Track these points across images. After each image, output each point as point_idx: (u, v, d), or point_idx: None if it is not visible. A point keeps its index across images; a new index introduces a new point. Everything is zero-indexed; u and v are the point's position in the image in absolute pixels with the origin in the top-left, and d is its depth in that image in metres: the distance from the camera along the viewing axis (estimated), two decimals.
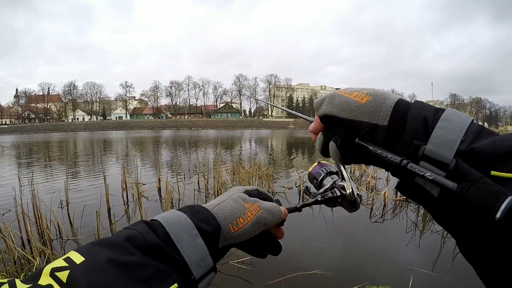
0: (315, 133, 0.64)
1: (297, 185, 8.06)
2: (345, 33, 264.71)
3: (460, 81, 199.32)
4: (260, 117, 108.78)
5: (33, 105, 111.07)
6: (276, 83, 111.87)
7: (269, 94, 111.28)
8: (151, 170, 11.53)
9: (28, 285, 0.35)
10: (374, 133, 0.52)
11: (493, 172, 0.39)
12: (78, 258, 0.39)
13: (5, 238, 4.16)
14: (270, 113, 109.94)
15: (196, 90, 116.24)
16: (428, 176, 0.43)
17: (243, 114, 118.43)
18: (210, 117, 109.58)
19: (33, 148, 25.04)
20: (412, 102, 0.52)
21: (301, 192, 7.37)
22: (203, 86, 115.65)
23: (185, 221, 0.50)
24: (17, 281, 0.35)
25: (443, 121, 0.46)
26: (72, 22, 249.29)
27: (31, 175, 6.64)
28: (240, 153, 18.96)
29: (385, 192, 6.51)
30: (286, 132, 59.05)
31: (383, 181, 8.61)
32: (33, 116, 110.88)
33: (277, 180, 8.95)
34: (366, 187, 7.77)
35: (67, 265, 0.38)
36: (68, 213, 6.17)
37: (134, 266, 0.40)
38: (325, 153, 0.62)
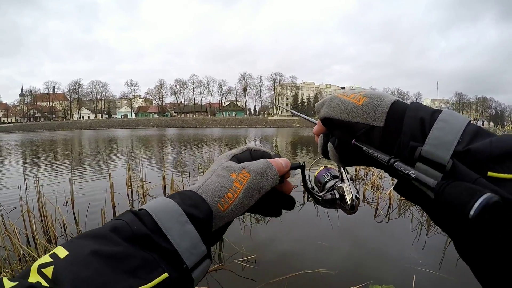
0: (317, 135, 0.66)
1: (301, 184, 8.04)
2: (350, 32, 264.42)
3: (466, 80, 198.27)
4: (265, 115, 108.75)
5: (38, 103, 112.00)
6: (281, 82, 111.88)
7: (274, 93, 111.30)
8: (156, 168, 11.54)
9: (15, 283, 0.33)
10: (370, 135, 0.53)
11: (490, 173, 0.39)
12: (62, 252, 0.38)
13: (10, 235, 4.17)
14: (275, 112, 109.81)
15: (201, 89, 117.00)
16: (412, 175, 0.43)
17: (248, 112, 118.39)
18: (215, 116, 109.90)
19: (38, 147, 25.14)
20: (410, 103, 0.52)
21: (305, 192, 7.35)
22: (208, 84, 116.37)
23: (173, 207, 0.47)
24: (5, 280, 0.34)
25: (440, 122, 0.46)
26: (77, 20, 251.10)
27: (37, 173, 6.64)
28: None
29: (390, 191, 6.47)
30: (291, 130, 59.00)
31: (389, 180, 8.55)
32: (38, 114, 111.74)
33: None
34: (372, 186, 7.74)
35: (52, 260, 0.37)
36: (73, 211, 6.20)
37: (120, 257, 0.38)
38: (325, 154, 0.64)
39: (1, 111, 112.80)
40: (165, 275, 0.40)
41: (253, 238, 4.86)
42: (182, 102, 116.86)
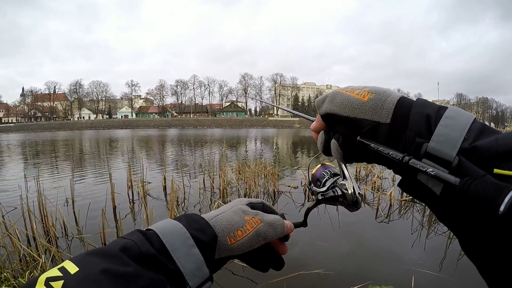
0: (316, 131, 0.64)
1: (302, 185, 8.04)
2: (350, 32, 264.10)
3: (466, 80, 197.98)
4: (266, 116, 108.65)
5: (39, 103, 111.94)
6: (281, 82, 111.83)
7: (275, 93, 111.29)
8: (157, 169, 11.58)
9: None
10: (376, 131, 0.52)
11: (496, 170, 0.39)
12: (72, 268, 0.38)
13: (11, 235, 4.17)
14: (275, 112, 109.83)
15: (201, 89, 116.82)
16: (431, 172, 0.42)
17: (248, 113, 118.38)
18: (215, 116, 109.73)
19: (39, 147, 25.19)
20: (415, 100, 0.51)
21: (307, 191, 7.35)
22: (208, 85, 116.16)
23: (181, 230, 0.49)
24: None
25: (446, 119, 0.46)
26: (78, 20, 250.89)
27: (37, 173, 6.65)
28: (246, 152, 18.96)
29: (391, 192, 6.48)
30: (292, 131, 59.07)
31: (389, 181, 8.57)
32: (39, 114, 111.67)
33: (282, 179, 8.92)
34: (372, 187, 7.74)
35: (61, 275, 0.37)
36: (74, 211, 6.21)
37: (129, 277, 0.39)
38: (326, 151, 0.62)
39: (2, 111, 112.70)
40: None
41: None
42: (183, 102, 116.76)
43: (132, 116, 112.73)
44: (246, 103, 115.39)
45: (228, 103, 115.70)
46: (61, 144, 28.55)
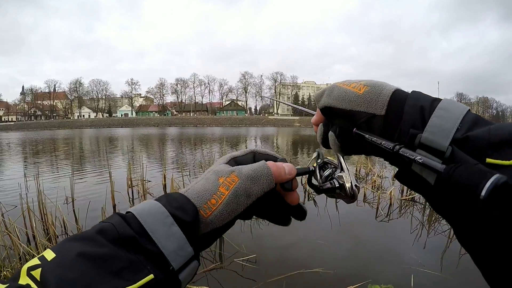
0: (316, 124, 0.66)
1: (302, 183, 8.04)
2: (352, 32, 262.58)
3: (467, 80, 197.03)
4: (266, 114, 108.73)
5: (39, 102, 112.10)
6: (282, 81, 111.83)
7: (275, 92, 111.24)
8: (157, 167, 11.58)
9: (5, 285, 0.34)
10: (371, 123, 0.53)
11: (488, 160, 0.40)
12: (50, 255, 0.38)
13: (10, 234, 4.17)
14: (275, 111, 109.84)
15: (201, 88, 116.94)
16: (419, 160, 0.44)
17: (248, 111, 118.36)
18: (215, 115, 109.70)
19: (39, 145, 25.18)
20: (410, 92, 0.53)
21: (307, 190, 7.35)
22: (208, 83, 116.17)
23: (159, 210, 0.46)
24: None
25: (440, 110, 0.47)
26: (79, 19, 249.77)
27: (37, 172, 6.66)
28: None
29: (391, 191, 6.47)
30: (292, 130, 59.02)
31: (389, 180, 8.56)
32: (39, 113, 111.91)
33: None
34: (372, 186, 7.73)
35: (40, 263, 0.37)
36: (74, 209, 6.21)
37: (105, 259, 0.38)
38: (325, 143, 0.63)
39: (2, 109, 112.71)
40: (151, 276, 0.40)
41: (253, 238, 4.86)
42: (183, 101, 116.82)
43: (132, 114, 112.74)
44: (246, 101, 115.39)
45: (228, 102, 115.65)
46: (61, 142, 28.53)
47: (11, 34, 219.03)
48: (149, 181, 8.24)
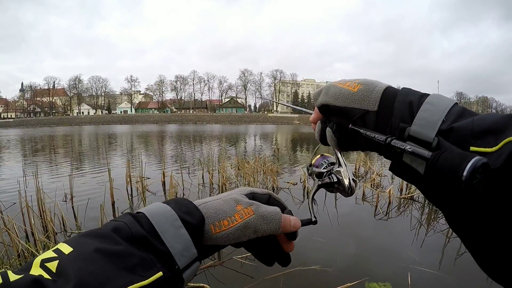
0: (314, 122, 0.70)
1: (301, 181, 8.04)
2: (353, 30, 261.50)
3: (467, 79, 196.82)
4: (265, 112, 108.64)
5: (38, 99, 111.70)
6: (281, 79, 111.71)
7: (275, 90, 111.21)
8: (156, 164, 11.57)
9: (20, 276, 0.35)
10: (365, 118, 0.57)
11: (472, 148, 0.43)
12: (67, 249, 0.40)
13: (9, 231, 4.17)
14: (275, 109, 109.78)
15: (201, 85, 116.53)
16: (408, 149, 0.47)
17: (248, 109, 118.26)
18: (215, 112, 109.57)
19: (38, 142, 25.19)
20: (400, 88, 0.57)
21: (306, 188, 7.36)
22: (208, 80, 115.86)
23: (169, 212, 0.50)
24: (9, 272, 0.36)
25: (427, 105, 0.51)
26: (79, 16, 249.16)
27: (36, 169, 6.65)
28: (245, 148, 18.97)
29: (390, 190, 6.46)
30: (291, 127, 59.01)
31: (388, 179, 8.56)
32: (38, 110, 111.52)
33: (282, 176, 8.92)
34: (371, 184, 7.73)
35: (56, 255, 0.39)
36: (73, 206, 6.21)
37: (121, 255, 0.41)
38: (323, 140, 0.68)
39: (1, 106, 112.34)
40: (160, 273, 0.42)
41: None
42: (182, 98, 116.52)
43: (131, 111, 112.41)
44: (246, 99, 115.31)
45: (228, 99, 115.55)
46: (60, 139, 28.53)
47: (11, 31, 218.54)
48: (148, 178, 8.23)
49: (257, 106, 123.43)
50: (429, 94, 0.53)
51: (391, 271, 3.86)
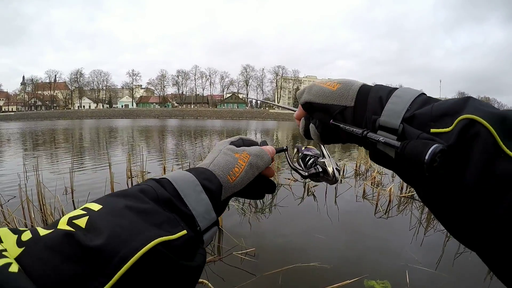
0: (298, 119, 0.79)
1: (302, 178, 8.03)
2: (356, 27, 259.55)
3: (469, 79, 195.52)
4: (267, 108, 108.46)
5: (39, 92, 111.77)
6: (283, 75, 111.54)
7: (276, 86, 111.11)
8: (157, 159, 11.56)
9: (50, 230, 0.38)
10: (344, 114, 0.64)
11: (432, 130, 0.49)
12: (96, 206, 0.43)
13: (9, 224, 4.18)
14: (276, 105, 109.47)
15: (202, 80, 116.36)
16: (381, 140, 0.54)
17: (249, 105, 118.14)
18: (216, 107, 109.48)
19: (39, 135, 25.18)
20: (374, 85, 0.64)
21: (306, 184, 7.35)
22: (210, 76, 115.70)
23: (191, 178, 0.55)
24: (39, 228, 0.38)
25: (394, 97, 0.57)
26: (82, 9, 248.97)
27: (36, 162, 6.64)
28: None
29: (390, 188, 6.45)
30: (292, 124, 58.75)
31: (389, 177, 8.56)
32: (39, 103, 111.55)
33: (282, 172, 8.91)
34: (372, 182, 7.72)
35: (85, 212, 0.42)
36: (73, 200, 6.20)
37: (148, 213, 0.45)
38: (307, 135, 0.77)
39: (2, 99, 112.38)
40: (184, 232, 0.46)
41: (253, 232, 4.88)
42: (184, 93, 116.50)
43: (132, 105, 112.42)
44: (247, 94, 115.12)
45: (229, 95, 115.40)
46: (61, 133, 28.54)
47: (13, 24, 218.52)
48: (149, 172, 8.22)
49: (259, 102, 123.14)
50: (398, 88, 0.60)
51: (390, 269, 3.86)
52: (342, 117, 0.64)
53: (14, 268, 0.31)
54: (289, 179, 7.93)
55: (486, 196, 0.43)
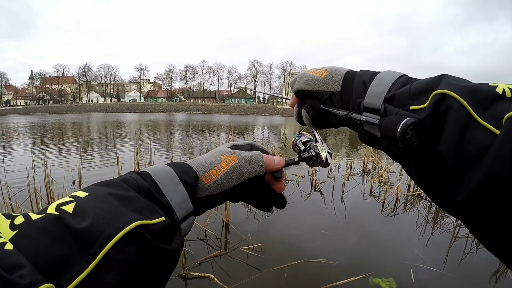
0: (292, 106, 0.83)
1: (309, 174, 8.02)
2: (366, 23, 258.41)
3: (479, 78, 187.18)
4: (274, 104, 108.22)
5: (47, 86, 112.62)
6: (291, 71, 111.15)
7: (284, 81, 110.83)
8: (164, 153, 11.60)
9: (41, 215, 0.40)
10: (332, 98, 0.69)
11: (410, 107, 0.53)
12: (82, 194, 0.46)
13: None
14: (284, 101, 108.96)
15: (210, 75, 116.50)
16: (362, 119, 0.59)
17: (257, 100, 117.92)
18: (223, 102, 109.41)
19: (47, 129, 25.36)
20: (358, 71, 0.68)
21: (313, 180, 7.34)
22: (217, 70, 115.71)
23: (169, 171, 0.57)
24: (31, 213, 0.40)
25: (376, 80, 0.61)
26: (90, 2, 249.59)
27: (44, 155, 6.69)
28: (254, 139, 18.94)
29: (398, 186, 6.40)
30: None
31: (396, 175, 8.51)
32: (47, 97, 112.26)
33: (290, 168, 8.90)
34: (379, 180, 7.68)
35: (72, 199, 0.44)
36: None
37: (130, 199, 0.47)
38: (300, 121, 0.81)
39: (11, 93, 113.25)
40: (162, 218, 0.48)
41: (260, 227, 4.88)
42: (191, 87, 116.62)
43: (140, 100, 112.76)
44: (255, 89, 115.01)
45: (237, 90, 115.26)
46: (69, 126, 28.73)
47: (22, 18, 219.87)
48: None
49: (266, 97, 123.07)
50: (380, 72, 0.63)
51: (395, 267, 3.84)
52: (331, 102, 0.69)
53: (9, 246, 0.33)
54: (296, 174, 7.92)
55: (461, 163, 0.45)
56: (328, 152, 0.76)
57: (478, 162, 0.43)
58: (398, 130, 0.48)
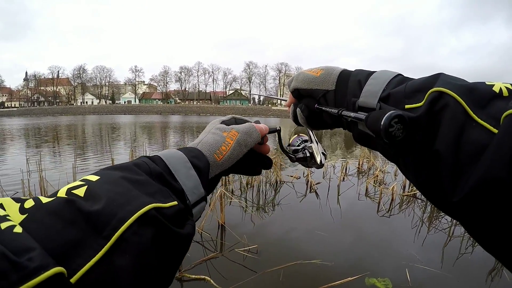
0: (289, 106, 0.83)
1: (304, 175, 8.03)
2: (361, 24, 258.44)
3: (474, 79, 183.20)
4: (269, 105, 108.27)
5: (42, 88, 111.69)
6: (286, 72, 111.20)
7: (279, 83, 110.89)
8: None
9: (52, 198, 0.40)
10: (326, 97, 0.69)
11: (406, 106, 0.53)
12: (94, 177, 0.46)
13: None
14: (279, 102, 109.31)
15: (205, 76, 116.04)
16: (352, 116, 0.59)
17: (252, 101, 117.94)
18: (219, 104, 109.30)
19: (41, 131, 25.21)
20: (353, 70, 0.68)
21: (309, 182, 7.35)
22: (212, 72, 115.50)
23: (181, 156, 0.58)
24: (41, 197, 0.40)
25: (371, 80, 0.61)
26: (86, 4, 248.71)
27: (39, 158, 6.66)
28: None
29: (393, 187, 6.42)
30: None
31: (391, 175, 8.54)
32: (42, 99, 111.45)
33: (285, 169, 8.92)
34: (374, 181, 7.71)
35: (83, 183, 0.44)
36: None
37: (143, 183, 0.48)
38: (296, 120, 0.81)
39: (5, 95, 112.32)
40: (175, 202, 0.48)
41: (255, 229, 4.87)
42: (187, 89, 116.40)
43: (135, 102, 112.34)
44: (250, 91, 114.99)
45: (232, 91, 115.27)
46: (64, 129, 28.57)
47: (17, 19, 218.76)
48: None
49: (262, 99, 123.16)
50: (376, 71, 0.64)
51: (391, 267, 3.86)
52: (325, 100, 0.70)
53: (19, 229, 0.32)
54: (292, 176, 7.94)
55: (459, 162, 0.45)
56: (323, 153, 0.78)
57: (476, 161, 0.43)
58: (382, 122, 0.49)
